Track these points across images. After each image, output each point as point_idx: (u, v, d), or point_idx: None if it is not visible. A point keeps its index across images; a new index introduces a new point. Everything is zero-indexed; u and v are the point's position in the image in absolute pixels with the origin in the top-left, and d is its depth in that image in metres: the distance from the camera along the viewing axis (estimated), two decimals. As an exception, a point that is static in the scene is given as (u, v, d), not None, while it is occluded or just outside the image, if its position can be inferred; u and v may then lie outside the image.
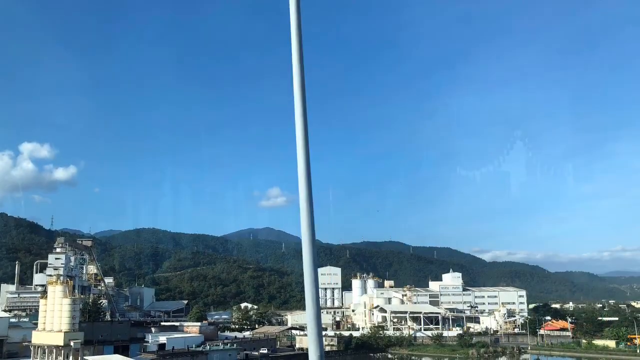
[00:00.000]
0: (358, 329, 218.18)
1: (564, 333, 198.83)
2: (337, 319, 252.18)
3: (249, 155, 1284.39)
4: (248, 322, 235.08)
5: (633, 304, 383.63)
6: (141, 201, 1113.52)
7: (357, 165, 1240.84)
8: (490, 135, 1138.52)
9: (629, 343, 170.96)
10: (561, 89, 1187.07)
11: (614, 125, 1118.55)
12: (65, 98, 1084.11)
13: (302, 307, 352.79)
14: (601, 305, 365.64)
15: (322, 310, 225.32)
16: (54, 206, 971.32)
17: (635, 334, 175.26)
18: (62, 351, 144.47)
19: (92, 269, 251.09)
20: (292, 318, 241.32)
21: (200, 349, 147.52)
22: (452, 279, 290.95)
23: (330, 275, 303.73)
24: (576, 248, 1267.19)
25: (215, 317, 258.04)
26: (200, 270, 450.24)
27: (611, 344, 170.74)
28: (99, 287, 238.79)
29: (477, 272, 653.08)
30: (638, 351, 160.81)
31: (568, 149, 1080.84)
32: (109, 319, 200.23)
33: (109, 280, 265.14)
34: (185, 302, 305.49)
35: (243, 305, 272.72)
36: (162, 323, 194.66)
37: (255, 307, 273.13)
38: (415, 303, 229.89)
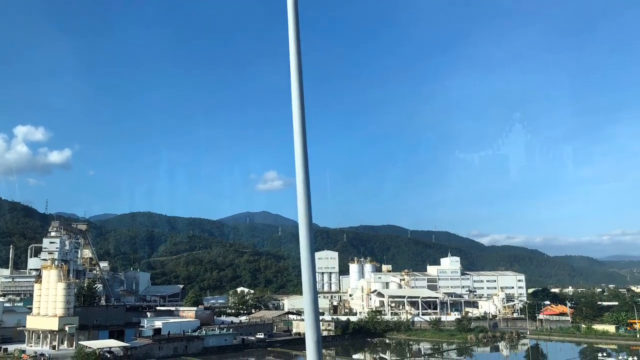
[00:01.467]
0: (355, 314, 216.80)
1: (563, 318, 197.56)
2: (335, 303, 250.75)
3: (246, 138, 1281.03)
4: (244, 307, 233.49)
5: (633, 288, 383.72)
6: (136, 184, 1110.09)
7: (354, 148, 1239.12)
8: (489, 117, 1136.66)
9: (629, 328, 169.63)
10: (560, 71, 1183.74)
11: (614, 107, 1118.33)
12: (60, 80, 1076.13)
13: (299, 291, 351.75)
14: (601, 290, 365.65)
15: (319, 295, 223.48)
16: (48, 189, 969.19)
17: (635, 319, 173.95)
18: (57, 336, 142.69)
19: (87, 253, 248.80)
20: (289, 302, 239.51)
21: (196, 333, 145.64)
22: (450, 263, 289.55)
23: (328, 259, 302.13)
24: (576, 232, 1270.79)
25: (212, 301, 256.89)
26: (196, 254, 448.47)
27: (611, 328, 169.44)
28: (94, 272, 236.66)
29: (476, 256, 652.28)
30: (638, 336, 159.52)
31: (567, 131, 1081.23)
32: (104, 303, 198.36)
33: (104, 264, 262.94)
34: (181, 286, 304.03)
35: (239, 289, 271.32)
36: (158, 308, 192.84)
37: (252, 291, 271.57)
38: (413, 287, 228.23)
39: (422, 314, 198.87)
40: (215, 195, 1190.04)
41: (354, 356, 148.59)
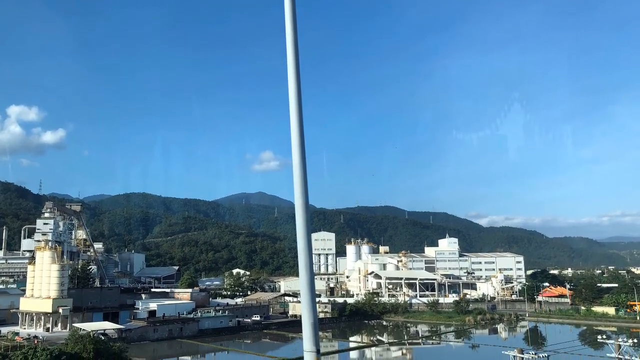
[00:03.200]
0: (352, 296, 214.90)
1: (563, 300, 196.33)
2: (331, 285, 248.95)
3: (242, 118, 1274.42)
4: (240, 289, 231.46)
5: (633, 270, 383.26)
6: (131, 165, 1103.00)
7: (352, 128, 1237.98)
8: (487, 97, 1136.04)
9: (628, 310, 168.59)
10: (559, 51, 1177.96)
11: (613, 87, 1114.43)
12: (54, 60, 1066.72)
13: (296, 273, 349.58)
14: (600, 272, 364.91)
15: (315, 277, 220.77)
16: (42, 170, 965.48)
17: (635, 301, 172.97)
18: (51, 318, 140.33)
19: (81, 234, 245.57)
20: (285, 284, 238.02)
21: (191, 315, 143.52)
22: (448, 245, 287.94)
23: (324, 240, 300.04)
24: (575, 213, 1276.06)
25: (207, 283, 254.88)
26: (191, 235, 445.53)
27: (610, 310, 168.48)
28: (88, 253, 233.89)
29: (474, 238, 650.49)
30: (638, 318, 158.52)
31: (566, 111, 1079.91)
32: (98, 285, 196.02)
33: (98, 245, 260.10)
34: (176, 268, 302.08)
35: (235, 271, 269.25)
36: (153, 289, 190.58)
37: (248, 273, 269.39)
38: (410, 269, 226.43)
39: (420, 296, 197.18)
40: (211, 175, 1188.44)
41: (351, 338, 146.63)
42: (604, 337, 58.46)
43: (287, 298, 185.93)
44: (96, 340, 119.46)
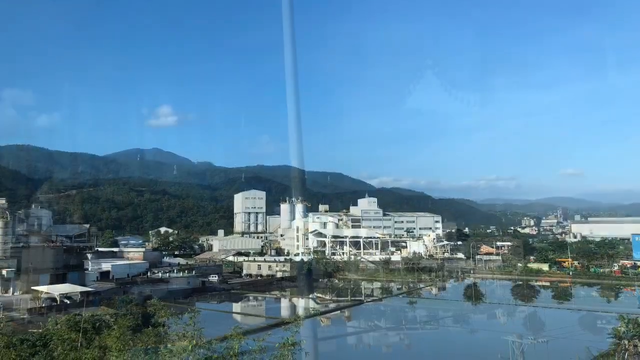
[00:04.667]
0: (288, 254, 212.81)
1: (493, 257, 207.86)
2: (261, 244, 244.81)
3: (136, 68, 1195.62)
4: (167, 249, 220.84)
5: (519, 229, 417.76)
6: (9, 114, 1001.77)
7: (251, 88, 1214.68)
8: (380, 63, 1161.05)
9: (559, 266, 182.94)
10: (452, 22, 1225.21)
11: (495, 59, 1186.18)
12: None
13: (210, 231, 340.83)
14: (490, 231, 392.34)
15: (249, 236, 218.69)
16: None
17: (562, 258, 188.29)
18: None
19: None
20: (220, 243, 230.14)
21: (159, 276, 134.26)
22: (368, 204, 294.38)
23: (255, 199, 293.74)
24: (456, 176, 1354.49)
25: (132, 242, 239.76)
26: (92, 192, 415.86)
27: (544, 267, 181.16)
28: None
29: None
30: (570, 274, 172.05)
31: (452, 81, 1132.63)
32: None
33: (1, 201, 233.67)
34: (87, 226, 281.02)
35: (162, 230, 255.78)
36: (99, 249, 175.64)
37: (175, 232, 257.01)
38: (350, 228, 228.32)
39: (364, 254, 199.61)
40: (101, 129, 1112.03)
41: (311, 296, 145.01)
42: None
43: (240, 258, 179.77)
44: (62, 305, 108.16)
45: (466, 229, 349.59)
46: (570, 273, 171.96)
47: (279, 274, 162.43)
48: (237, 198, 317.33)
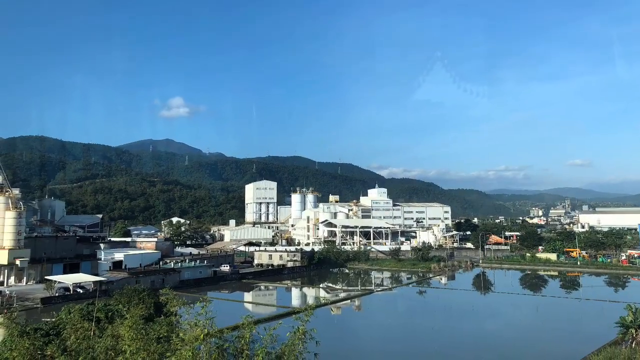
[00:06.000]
0: (298, 244, 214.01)
1: (502, 247, 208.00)
2: (272, 234, 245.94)
3: (148, 61, 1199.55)
4: (179, 238, 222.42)
5: (528, 220, 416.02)
6: (27, 106, 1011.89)
7: (263, 83, 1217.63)
8: (390, 57, 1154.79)
9: (567, 256, 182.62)
10: (477, 17, 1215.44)
11: (502, 53, 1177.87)
12: None
13: (222, 221, 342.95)
14: (499, 221, 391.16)
15: (260, 225, 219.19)
16: None
17: (570, 248, 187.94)
18: (6, 271, 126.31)
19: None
20: (231, 233, 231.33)
21: (171, 265, 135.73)
22: (378, 195, 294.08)
23: (266, 189, 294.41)
24: (465, 167, 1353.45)
25: (144, 232, 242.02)
26: (104, 182, 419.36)
27: (552, 256, 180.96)
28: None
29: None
30: (578, 263, 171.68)
31: (461, 74, 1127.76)
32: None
33: (16, 191, 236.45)
34: (100, 216, 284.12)
35: (174, 220, 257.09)
36: (112, 239, 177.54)
37: (187, 222, 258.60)
38: (360, 218, 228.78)
39: (374, 244, 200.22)
40: (114, 120, 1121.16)
41: (321, 285, 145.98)
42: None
43: (251, 248, 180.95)
44: (75, 295, 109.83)
45: (475, 219, 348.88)
46: (578, 263, 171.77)
47: (289, 264, 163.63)
48: (248, 188, 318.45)
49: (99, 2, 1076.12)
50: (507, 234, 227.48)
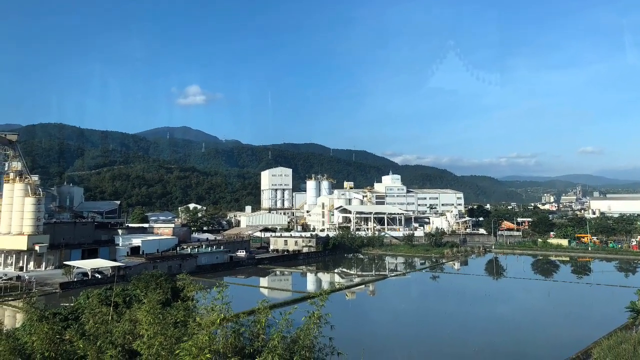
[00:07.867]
0: (314, 230, 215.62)
1: (514, 233, 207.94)
2: (288, 220, 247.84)
3: (165, 50, 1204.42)
4: (197, 224, 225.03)
5: (540, 206, 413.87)
6: (46, 94, 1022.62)
7: (279, 70, 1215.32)
8: (402, 46, 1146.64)
9: (578, 242, 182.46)
10: (473, 3, 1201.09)
11: (514, 40, 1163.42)
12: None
13: (238, 207, 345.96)
14: (511, 207, 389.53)
15: (277, 212, 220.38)
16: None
17: (581, 234, 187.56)
18: (25, 256, 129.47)
19: (15, 165, 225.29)
20: (247, 219, 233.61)
21: (188, 251, 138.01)
22: (392, 181, 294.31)
23: (282, 176, 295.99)
24: (478, 154, 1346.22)
25: (162, 218, 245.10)
26: (121, 169, 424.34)
27: (564, 242, 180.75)
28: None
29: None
30: (589, 249, 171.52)
31: (473, 62, 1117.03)
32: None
33: (34, 178, 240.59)
34: (118, 202, 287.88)
35: (191, 206, 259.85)
36: (130, 225, 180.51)
37: (204, 208, 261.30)
38: (374, 204, 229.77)
39: (388, 230, 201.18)
40: (132, 108, 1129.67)
41: (336, 270, 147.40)
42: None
43: (267, 233, 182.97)
44: (93, 280, 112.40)
45: (487, 205, 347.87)
46: (589, 248, 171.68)
47: (305, 249, 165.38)
48: (264, 175, 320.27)
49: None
50: (519, 220, 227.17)
